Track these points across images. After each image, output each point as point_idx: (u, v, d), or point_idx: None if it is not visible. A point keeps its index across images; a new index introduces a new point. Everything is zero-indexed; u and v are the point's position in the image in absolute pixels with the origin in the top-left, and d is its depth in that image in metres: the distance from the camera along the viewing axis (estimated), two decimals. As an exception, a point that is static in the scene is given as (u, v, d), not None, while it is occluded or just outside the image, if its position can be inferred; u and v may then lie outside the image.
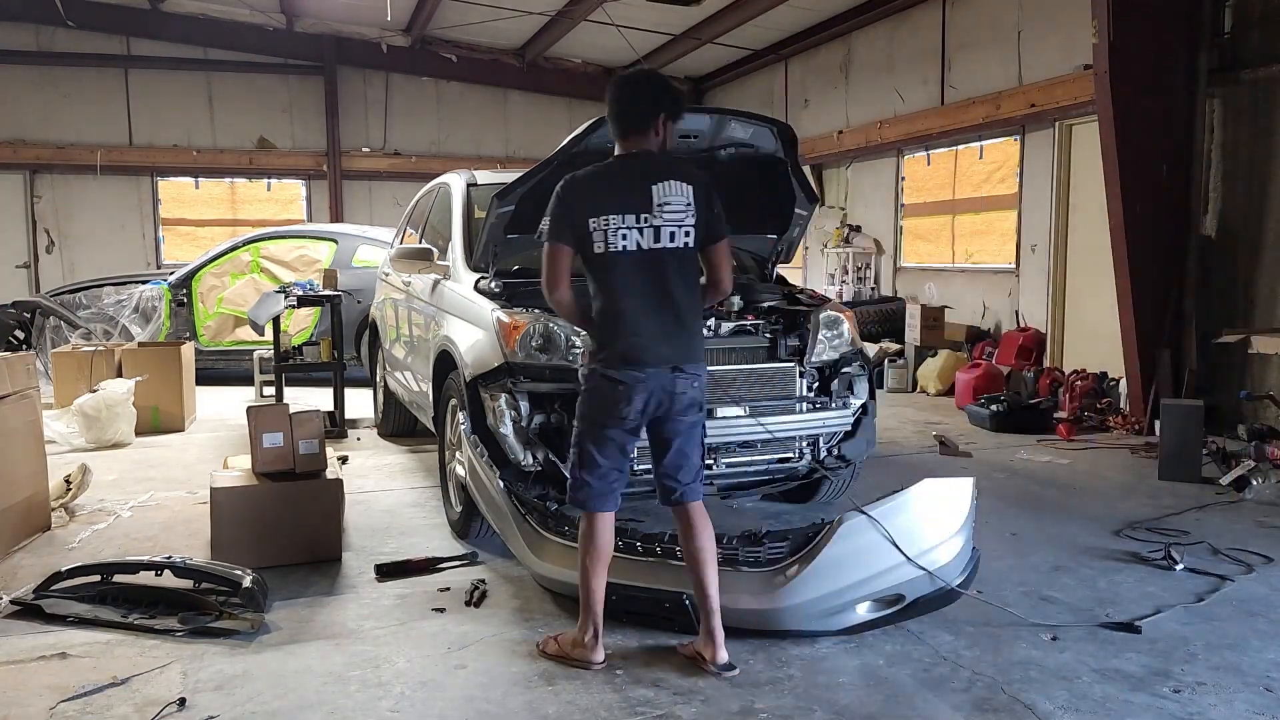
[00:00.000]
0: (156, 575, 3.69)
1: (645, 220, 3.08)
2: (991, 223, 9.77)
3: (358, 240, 9.65)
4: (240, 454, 5.06)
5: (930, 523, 3.41)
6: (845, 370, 4.55)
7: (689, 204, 3.13)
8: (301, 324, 9.36)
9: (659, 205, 3.09)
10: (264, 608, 3.57)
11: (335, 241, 9.68)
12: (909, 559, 3.32)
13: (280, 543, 4.18)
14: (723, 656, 3.13)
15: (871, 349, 9.35)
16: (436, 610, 3.68)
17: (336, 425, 7.03)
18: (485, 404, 4.16)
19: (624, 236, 3.07)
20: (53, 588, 3.70)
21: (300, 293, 7.13)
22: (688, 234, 3.14)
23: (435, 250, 5.32)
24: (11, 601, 3.67)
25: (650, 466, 4.18)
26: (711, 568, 3.19)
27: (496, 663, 3.23)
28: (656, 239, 3.10)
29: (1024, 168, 9.14)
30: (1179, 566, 4.08)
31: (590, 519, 3.19)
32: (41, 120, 13.20)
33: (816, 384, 4.53)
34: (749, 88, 14.11)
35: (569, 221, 3.10)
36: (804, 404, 4.47)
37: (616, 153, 3.22)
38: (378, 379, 7.22)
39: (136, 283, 9.70)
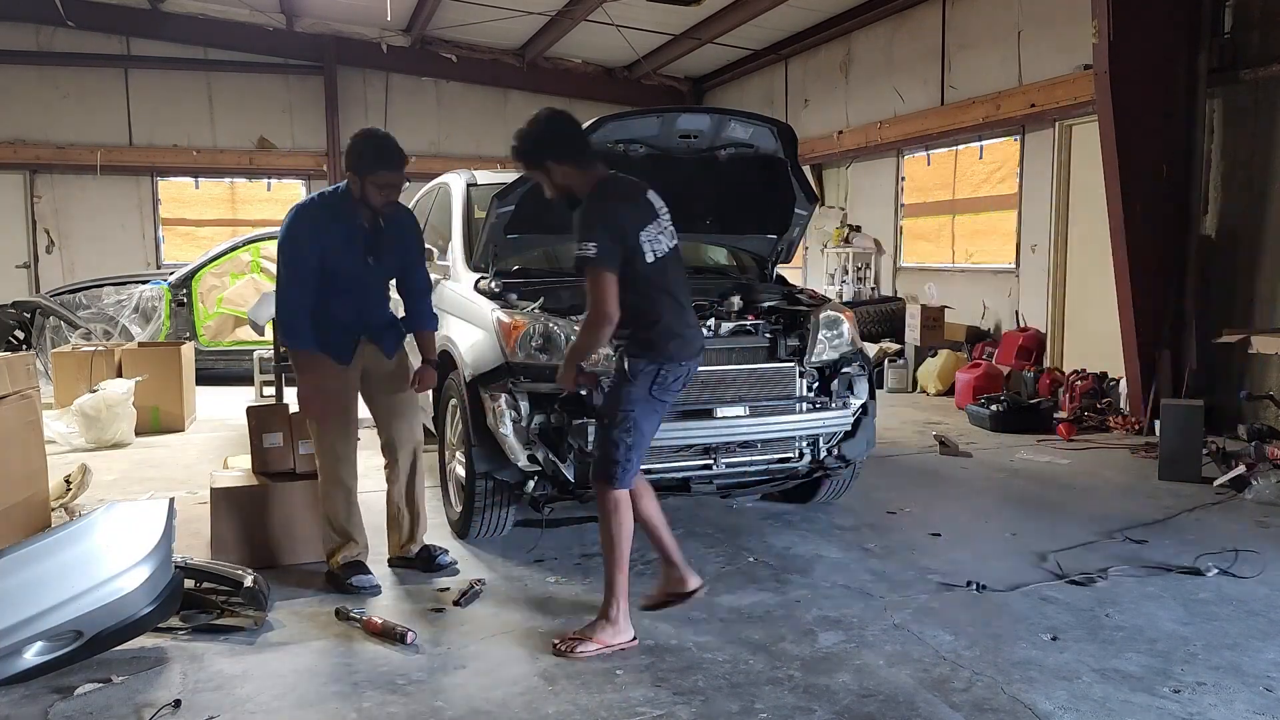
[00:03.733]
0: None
1: (661, 226, 3.37)
2: (991, 223, 9.77)
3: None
4: (240, 454, 5.06)
5: (113, 550, 3.25)
6: (845, 370, 4.55)
7: (663, 207, 3.44)
8: (301, 324, 9.34)
9: (659, 211, 3.40)
10: (265, 606, 3.57)
11: (335, 241, 9.66)
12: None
13: (280, 542, 4.18)
14: (695, 580, 3.51)
15: (871, 349, 9.36)
16: (435, 610, 3.68)
17: (336, 425, 7.02)
18: (485, 404, 4.16)
19: (657, 243, 3.33)
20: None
21: (300, 293, 7.11)
22: (673, 235, 3.44)
23: (435, 250, 5.32)
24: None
25: (648, 466, 4.23)
26: (661, 515, 3.53)
27: (496, 663, 3.23)
28: (672, 241, 3.41)
29: (1024, 168, 9.14)
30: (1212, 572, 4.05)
31: (622, 497, 3.35)
32: (41, 120, 13.18)
33: (816, 384, 4.53)
34: (749, 88, 14.11)
35: (619, 242, 3.24)
36: (804, 404, 4.47)
37: (600, 176, 3.38)
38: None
39: (136, 283, 9.70)
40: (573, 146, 3.36)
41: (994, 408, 7.37)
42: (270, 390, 7.77)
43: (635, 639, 3.34)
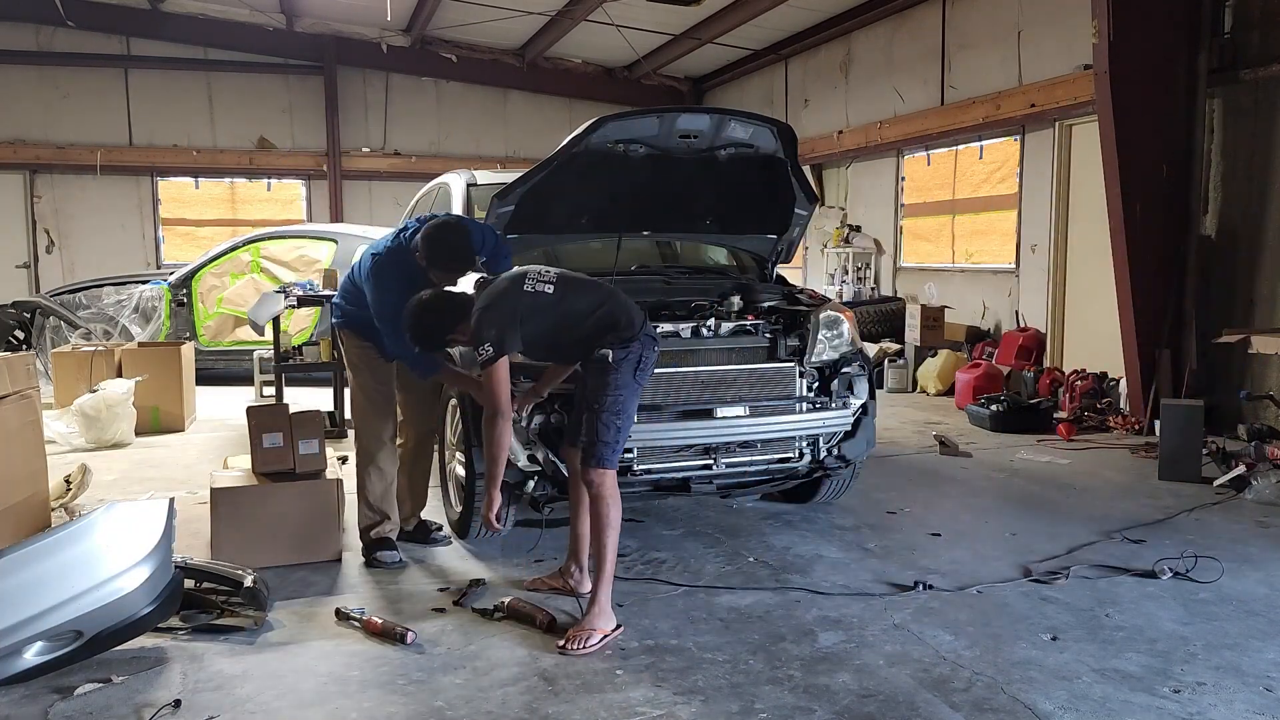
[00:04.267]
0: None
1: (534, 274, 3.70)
2: (991, 223, 9.77)
3: (358, 240, 9.62)
4: (240, 454, 5.06)
5: (113, 550, 3.25)
6: (845, 370, 4.55)
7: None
8: (301, 324, 9.36)
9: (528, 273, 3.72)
10: (266, 606, 3.57)
11: (335, 241, 9.69)
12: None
13: (280, 543, 4.18)
14: (589, 586, 3.63)
15: (871, 349, 9.36)
16: (436, 610, 3.68)
17: (336, 425, 7.03)
18: (485, 404, 4.16)
19: (542, 276, 3.65)
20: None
21: (300, 293, 7.12)
22: (549, 270, 3.80)
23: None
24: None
25: (648, 466, 4.24)
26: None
27: (497, 663, 3.23)
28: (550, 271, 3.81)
29: (1024, 168, 9.14)
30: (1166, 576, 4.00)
31: (614, 479, 3.52)
32: (41, 120, 13.19)
33: (816, 384, 4.53)
34: (749, 88, 14.11)
35: (513, 320, 3.58)
36: (804, 404, 4.47)
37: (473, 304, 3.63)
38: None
39: (136, 283, 9.70)
40: (456, 315, 3.58)
41: (994, 408, 7.36)
42: (270, 390, 7.77)
43: (618, 626, 3.46)
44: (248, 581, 3.56)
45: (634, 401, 3.60)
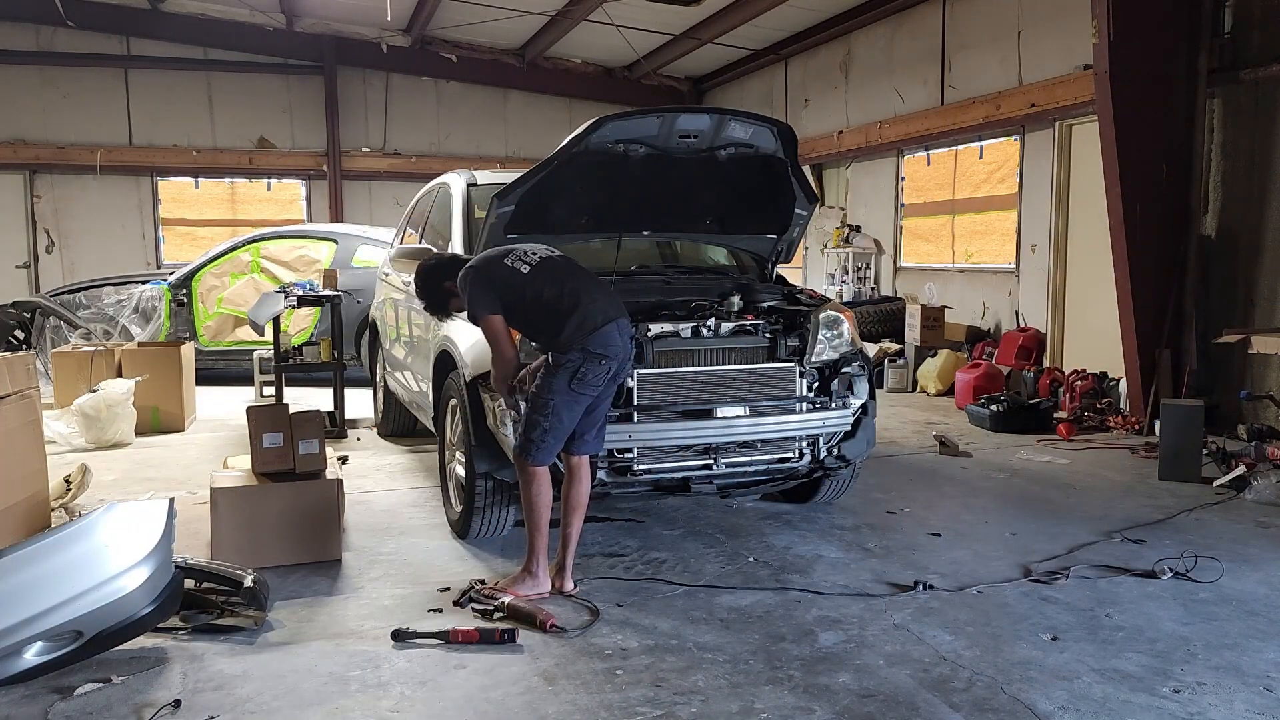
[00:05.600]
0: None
1: (520, 251, 3.95)
2: (991, 223, 9.77)
3: (358, 240, 9.66)
4: (240, 454, 5.06)
5: (113, 550, 3.26)
6: (845, 370, 4.54)
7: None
8: (301, 324, 9.37)
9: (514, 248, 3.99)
10: (265, 606, 3.57)
11: (335, 241, 9.69)
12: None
13: (280, 543, 4.18)
14: (569, 586, 3.84)
15: (871, 349, 9.37)
16: (434, 610, 3.68)
17: (336, 425, 7.03)
18: (485, 404, 4.17)
19: (527, 256, 3.90)
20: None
21: (300, 293, 7.13)
22: (548, 249, 4.07)
23: (435, 250, 5.32)
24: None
25: (648, 466, 4.24)
26: (582, 512, 3.89)
27: (496, 662, 3.23)
28: (550, 251, 4.06)
29: (1024, 168, 9.14)
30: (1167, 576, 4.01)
31: (539, 473, 3.75)
32: (41, 120, 13.20)
33: (816, 384, 4.53)
34: (749, 88, 14.11)
35: (491, 288, 3.83)
36: (804, 404, 4.47)
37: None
38: (378, 379, 7.22)
39: (136, 283, 9.71)
40: (448, 271, 3.93)
41: (994, 408, 7.36)
42: (270, 390, 7.78)
43: (549, 591, 3.78)
44: (248, 581, 3.57)
45: (569, 409, 3.69)
